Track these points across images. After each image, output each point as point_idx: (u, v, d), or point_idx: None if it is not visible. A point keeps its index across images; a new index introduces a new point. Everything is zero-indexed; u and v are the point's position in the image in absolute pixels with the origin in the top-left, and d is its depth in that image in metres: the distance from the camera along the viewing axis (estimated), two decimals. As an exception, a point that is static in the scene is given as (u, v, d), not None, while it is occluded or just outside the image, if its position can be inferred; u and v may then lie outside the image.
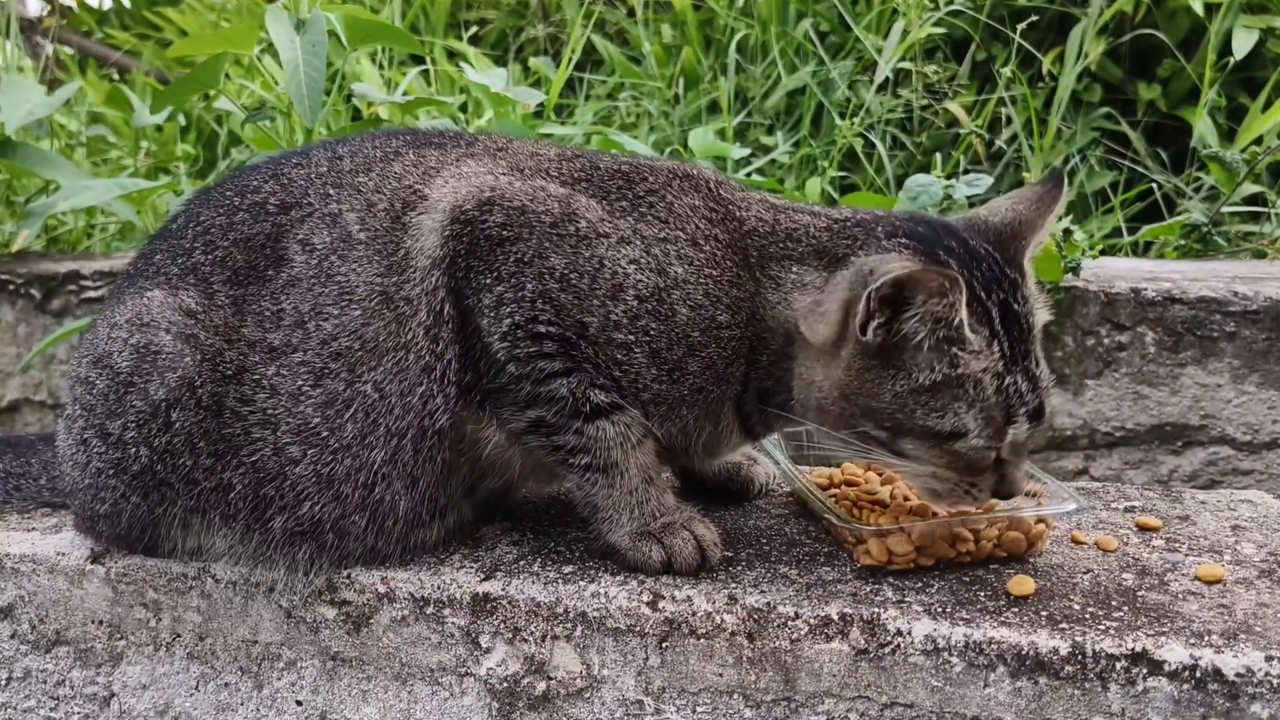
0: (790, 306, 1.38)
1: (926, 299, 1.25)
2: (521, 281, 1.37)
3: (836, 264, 1.38)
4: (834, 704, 1.30)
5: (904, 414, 1.31)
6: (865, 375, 1.31)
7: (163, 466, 1.42)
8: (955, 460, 1.33)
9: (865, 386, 1.31)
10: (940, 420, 1.30)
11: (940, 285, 1.23)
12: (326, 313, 1.41)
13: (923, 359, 1.29)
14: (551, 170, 1.46)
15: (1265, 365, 2.37)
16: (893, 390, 1.30)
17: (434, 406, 1.39)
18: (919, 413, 1.30)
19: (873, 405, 1.32)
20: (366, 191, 1.46)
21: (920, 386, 1.30)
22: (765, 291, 1.40)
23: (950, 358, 1.29)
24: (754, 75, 3.94)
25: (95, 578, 1.52)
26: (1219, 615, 1.28)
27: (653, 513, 1.42)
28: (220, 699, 1.51)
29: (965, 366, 1.29)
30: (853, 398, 1.33)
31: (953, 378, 1.29)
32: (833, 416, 1.36)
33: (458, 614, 1.40)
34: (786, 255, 1.41)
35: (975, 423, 1.31)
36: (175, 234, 1.54)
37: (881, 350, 1.30)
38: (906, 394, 1.30)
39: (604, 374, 1.38)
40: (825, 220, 1.44)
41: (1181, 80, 3.73)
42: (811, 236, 1.41)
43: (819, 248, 1.40)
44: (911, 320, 1.27)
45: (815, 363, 1.35)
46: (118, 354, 1.44)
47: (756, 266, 1.41)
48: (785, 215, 1.45)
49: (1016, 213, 1.44)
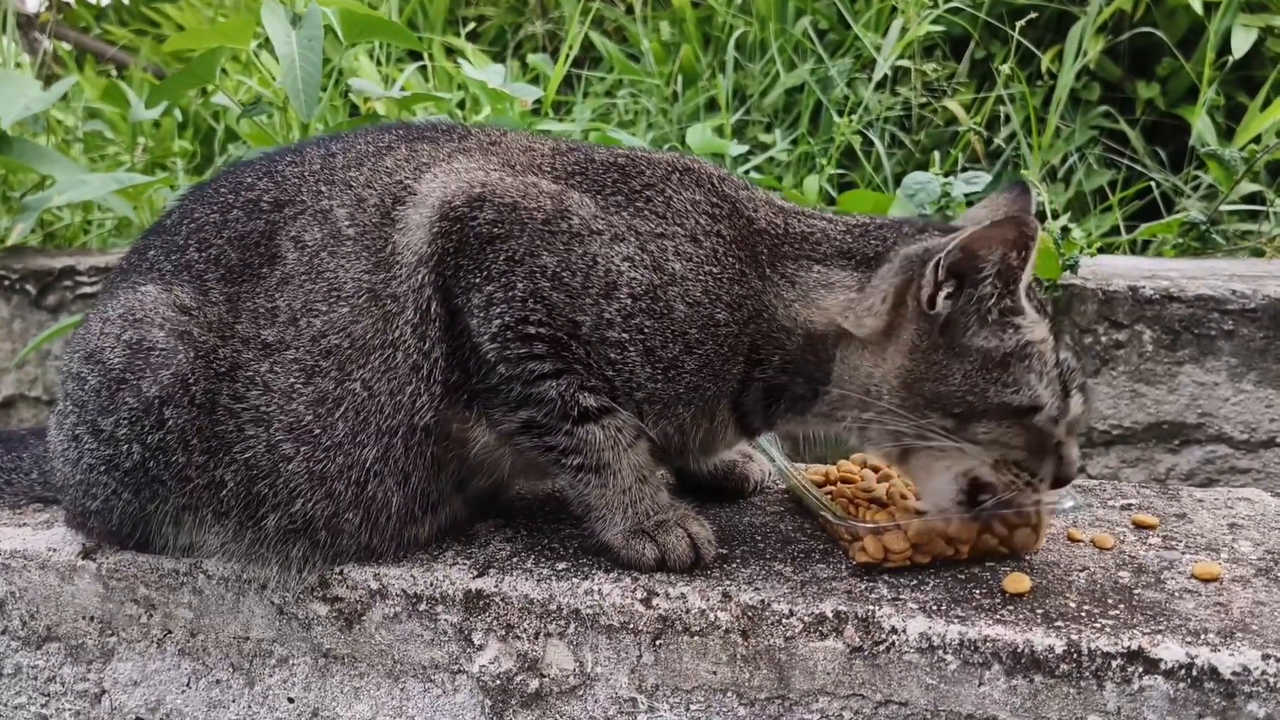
0: (814, 304, 1.38)
1: (1004, 253, 1.27)
2: (512, 280, 1.36)
3: (870, 263, 1.39)
4: (828, 702, 1.29)
5: (976, 394, 1.30)
6: (932, 356, 1.31)
7: (155, 463, 1.41)
8: (1030, 439, 1.32)
9: (932, 370, 1.31)
10: (1016, 394, 1.30)
11: (1019, 234, 1.25)
12: (316, 310, 1.40)
13: (988, 332, 1.30)
14: (545, 165, 1.45)
15: (1263, 364, 2.36)
16: (962, 370, 1.30)
17: (420, 405, 1.38)
18: (992, 390, 1.30)
19: (941, 390, 1.31)
20: (358, 187, 1.44)
21: (991, 361, 1.30)
22: (778, 290, 1.40)
23: (1014, 327, 1.31)
24: (752, 73, 3.93)
25: (86, 574, 1.51)
26: (1216, 613, 1.27)
27: (646, 511, 1.41)
28: (212, 696, 1.50)
29: (1030, 333, 1.31)
30: (916, 384, 1.32)
31: (1020, 347, 1.31)
32: (890, 411, 1.33)
33: (450, 611, 1.39)
34: (805, 256, 1.41)
35: (1048, 392, 1.31)
36: (169, 230, 1.53)
37: (946, 328, 1.31)
38: (977, 371, 1.30)
39: (596, 375, 1.37)
40: (843, 225, 1.45)
41: (1180, 79, 3.73)
42: (832, 239, 1.42)
43: (844, 249, 1.41)
44: (986, 283, 1.29)
45: (863, 358, 1.35)
46: (110, 350, 1.43)
47: (766, 264, 1.41)
48: (796, 219, 1.45)
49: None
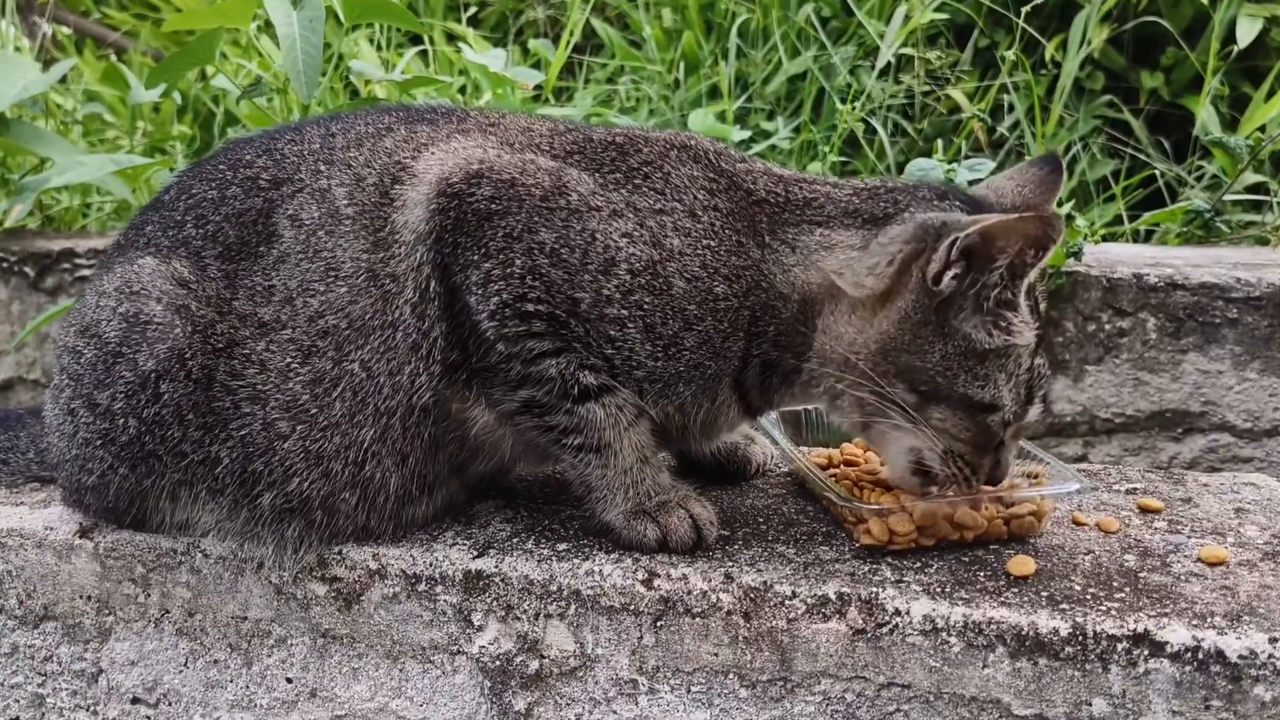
0: (813, 265, 1.37)
1: (1023, 247, 1.26)
2: (510, 258, 1.34)
3: (878, 223, 1.38)
4: (830, 684, 1.28)
5: (946, 378, 1.31)
6: (920, 330, 1.31)
7: (151, 438, 1.40)
8: (975, 435, 1.33)
9: (915, 343, 1.31)
10: (981, 390, 1.31)
11: (1045, 234, 1.25)
12: (313, 289, 1.39)
13: (979, 321, 1.30)
14: (543, 144, 1.44)
15: (1267, 352, 2.35)
16: (943, 351, 1.31)
17: (419, 384, 1.37)
18: (962, 379, 1.31)
19: (915, 364, 1.31)
20: (357, 166, 1.43)
21: (970, 351, 1.30)
22: (778, 256, 1.39)
23: (1004, 323, 1.31)
24: (755, 60, 3.91)
25: (84, 552, 1.50)
26: (1222, 597, 1.26)
27: (648, 492, 1.40)
28: (209, 675, 1.49)
29: (1017, 335, 1.31)
30: (894, 354, 1.32)
31: (1004, 347, 1.31)
32: (859, 373, 1.34)
33: (450, 591, 1.38)
34: (806, 220, 1.40)
35: (1010, 397, 1.32)
36: (167, 206, 1.51)
37: (941, 307, 1.30)
38: (955, 357, 1.30)
39: (595, 353, 1.35)
40: (851, 189, 1.44)
41: (1184, 68, 3.71)
42: (837, 202, 1.41)
43: (850, 209, 1.40)
44: (994, 272, 1.28)
45: (847, 319, 1.35)
46: (106, 323, 1.42)
47: (766, 233, 1.40)
48: (799, 186, 1.44)
49: (1024, 197, 1.44)
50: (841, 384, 1.37)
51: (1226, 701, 1.18)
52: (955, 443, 1.34)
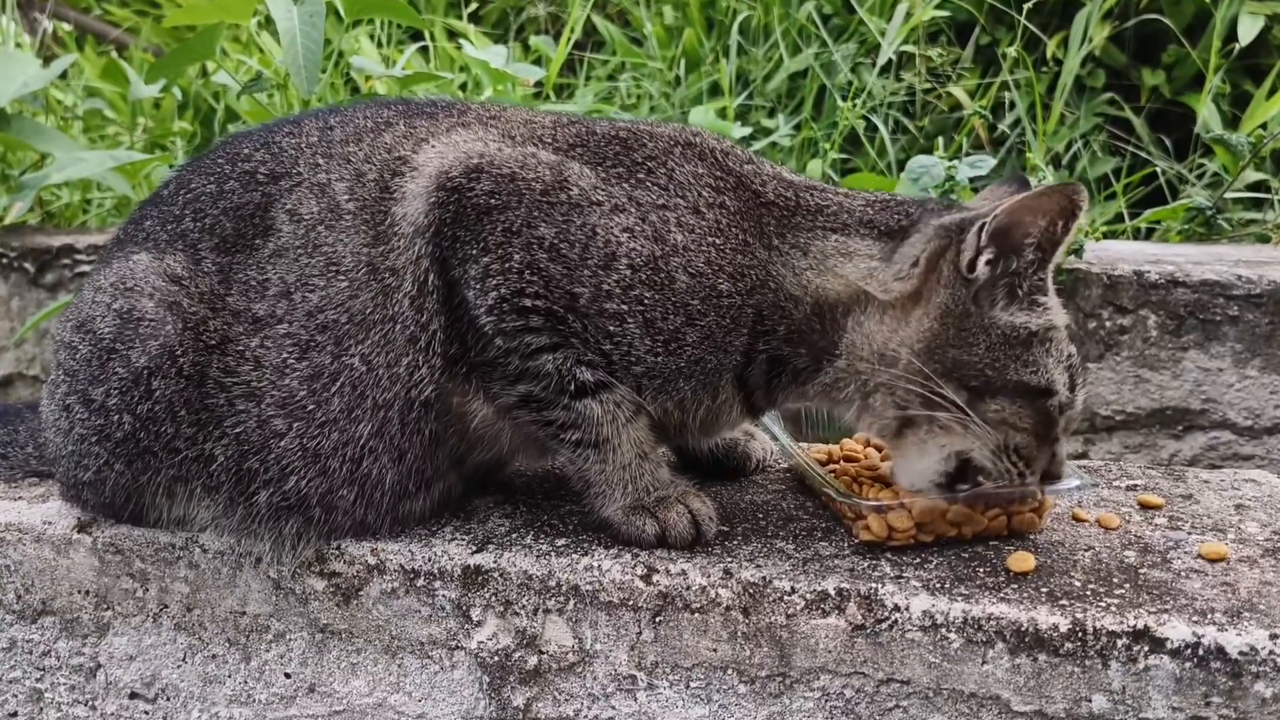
0: (832, 273, 1.38)
1: (1051, 221, 1.29)
2: (509, 252, 1.34)
3: (894, 235, 1.39)
4: (829, 680, 1.28)
5: (997, 368, 1.31)
6: (962, 323, 1.32)
7: (145, 434, 1.40)
8: (1036, 423, 1.32)
9: (959, 336, 1.31)
10: (1035, 374, 1.31)
11: (1071, 202, 1.27)
12: (313, 284, 1.39)
13: (1016, 307, 1.32)
14: (545, 137, 1.43)
15: (1268, 349, 2.35)
16: (988, 341, 1.31)
17: (419, 378, 1.37)
18: (1013, 367, 1.31)
19: (963, 359, 1.31)
20: (356, 161, 1.43)
21: (1015, 337, 1.31)
22: (788, 259, 1.39)
23: (1040, 306, 1.33)
24: (756, 57, 3.91)
25: (82, 547, 1.50)
26: (1222, 593, 1.26)
27: (647, 487, 1.39)
28: (207, 670, 1.49)
29: (1054, 316, 1.34)
30: (940, 350, 1.32)
31: (1044, 329, 1.33)
32: (904, 378, 1.33)
33: (448, 586, 1.38)
34: (820, 227, 1.41)
35: (1062, 378, 1.33)
36: (166, 200, 1.51)
37: (977, 297, 1.31)
38: (1000, 345, 1.31)
39: (593, 349, 1.35)
40: (862, 199, 1.45)
41: (1186, 66, 3.70)
42: (852, 211, 1.42)
43: (866, 219, 1.41)
44: (1027, 250, 1.30)
45: (882, 323, 1.35)
46: (100, 319, 1.42)
47: (774, 235, 1.40)
48: (809, 193, 1.44)
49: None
50: (879, 379, 1.35)
51: (1227, 698, 1.17)
52: (1016, 434, 1.32)
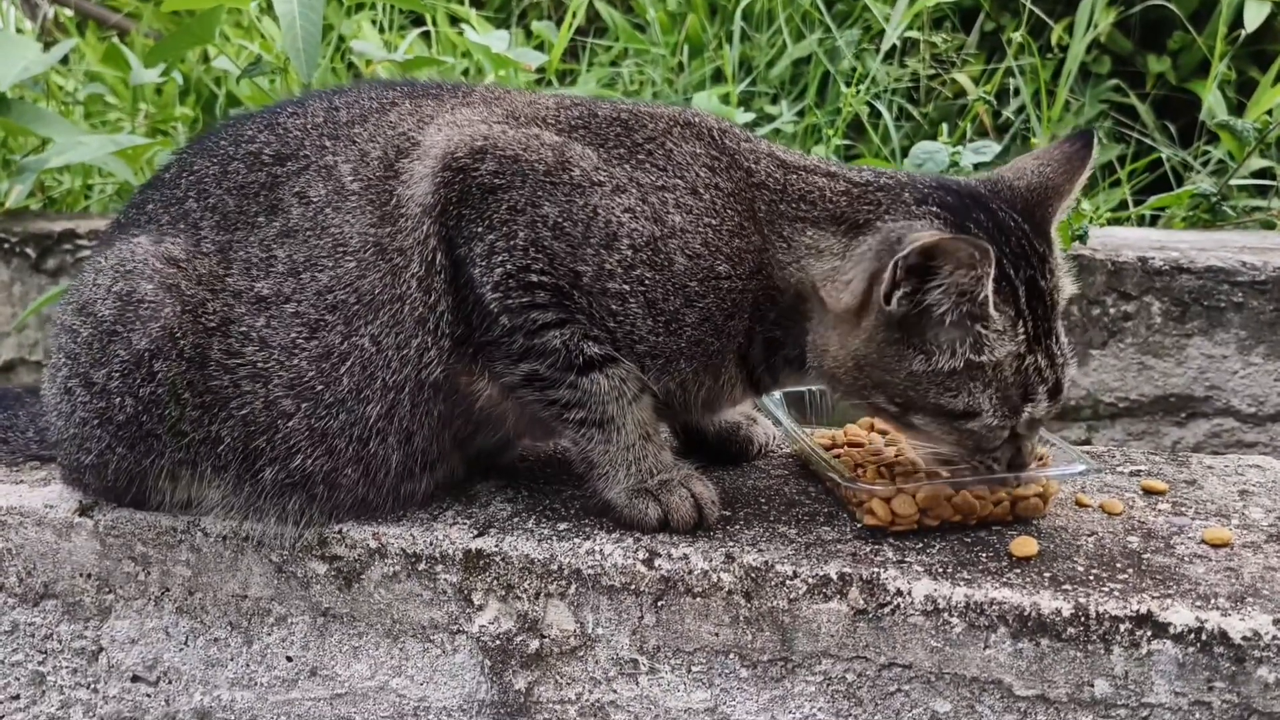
0: (804, 270, 1.36)
1: (953, 270, 1.21)
2: (514, 230, 1.34)
3: (858, 230, 1.34)
4: (831, 664, 1.28)
5: (916, 391, 1.30)
6: (885, 349, 1.29)
7: (148, 417, 1.40)
8: (964, 438, 1.32)
9: (883, 360, 1.29)
10: (954, 400, 1.29)
11: (970, 256, 1.19)
12: (322, 265, 1.38)
13: (944, 336, 1.27)
14: (548, 118, 1.43)
15: (1272, 336, 2.34)
16: (908, 368, 1.28)
17: (429, 359, 1.37)
18: (932, 391, 1.29)
19: (887, 379, 1.30)
20: (361, 142, 1.43)
21: (939, 369, 1.28)
22: (774, 249, 1.37)
23: (974, 337, 1.26)
24: (759, 44, 3.89)
25: (84, 530, 1.49)
26: (1226, 578, 1.26)
27: (650, 470, 1.39)
28: (209, 654, 1.49)
29: (988, 350, 1.27)
30: (867, 369, 1.31)
31: (974, 362, 1.27)
32: (844, 385, 1.35)
33: (450, 570, 1.37)
34: (800, 217, 1.37)
35: (990, 403, 1.29)
36: (169, 183, 1.51)
37: (904, 324, 1.27)
38: (922, 374, 1.28)
39: (598, 325, 1.35)
40: (844, 184, 1.39)
41: (1191, 53, 3.69)
42: (828, 200, 1.37)
43: (836, 213, 1.36)
44: (935, 291, 1.23)
45: (831, 330, 1.33)
46: (101, 301, 1.42)
47: (765, 222, 1.38)
48: (797, 175, 1.41)
49: (1044, 176, 1.39)
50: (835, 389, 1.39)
51: (1230, 683, 1.17)
52: (941, 445, 1.35)
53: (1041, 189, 1.38)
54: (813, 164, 1.44)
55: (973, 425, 1.31)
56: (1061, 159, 1.40)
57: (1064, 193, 1.38)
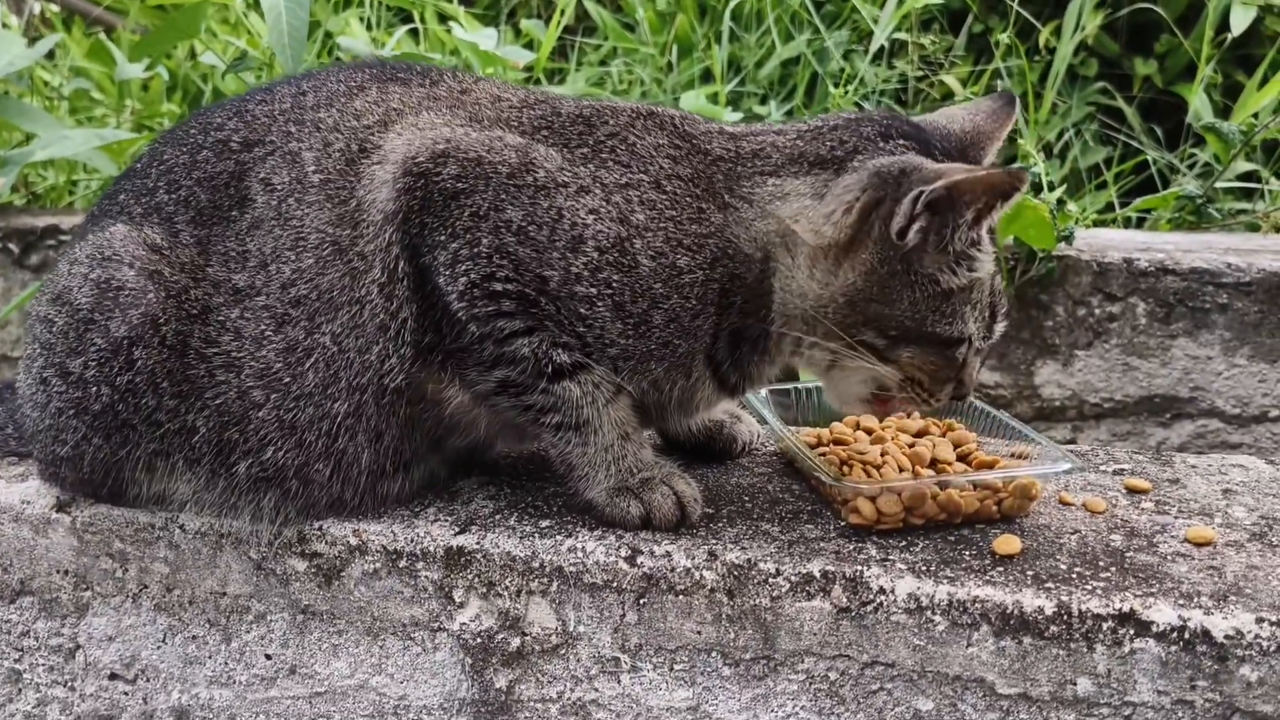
0: (771, 215, 1.36)
1: (990, 200, 1.25)
2: (477, 237, 1.32)
3: (825, 164, 1.36)
4: (814, 663, 1.27)
5: (914, 321, 1.31)
6: (888, 280, 1.30)
7: (125, 406, 1.38)
8: (941, 368, 1.35)
9: (883, 293, 1.31)
10: (949, 327, 1.32)
11: (1011, 185, 1.24)
12: (285, 256, 1.37)
13: (946, 265, 1.30)
14: (511, 119, 1.41)
15: (1257, 338, 2.35)
16: (911, 298, 1.30)
17: (389, 367, 1.35)
18: (930, 319, 1.31)
19: (884, 312, 1.31)
20: (325, 130, 1.41)
21: (938, 293, 1.30)
22: (738, 214, 1.37)
23: (970, 262, 1.31)
24: (748, 44, 3.89)
25: (61, 527, 1.48)
26: (1209, 577, 1.25)
27: (630, 468, 1.38)
28: (188, 651, 1.47)
29: (981, 269, 1.32)
30: (862, 304, 1.31)
31: (969, 283, 1.32)
32: (828, 324, 1.34)
33: (431, 568, 1.36)
34: (757, 171, 1.38)
35: (976, 326, 1.34)
36: (140, 173, 1.49)
37: (907, 256, 1.29)
38: (924, 300, 1.31)
39: (568, 331, 1.33)
40: (794, 132, 1.42)
41: (1178, 56, 3.70)
42: (782, 149, 1.39)
43: (795, 155, 1.38)
44: (963, 224, 1.27)
45: (810, 270, 1.33)
46: (78, 290, 1.40)
47: (724, 192, 1.38)
48: (747, 139, 1.42)
49: (975, 124, 1.46)
50: (807, 339, 1.36)
51: (1212, 681, 1.17)
52: (920, 374, 1.36)
53: (975, 133, 1.45)
54: (757, 128, 1.46)
55: (959, 351, 1.34)
56: (990, 111, 1.48)
57: (994, 139, 1.45)
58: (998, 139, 1.45)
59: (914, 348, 1.33)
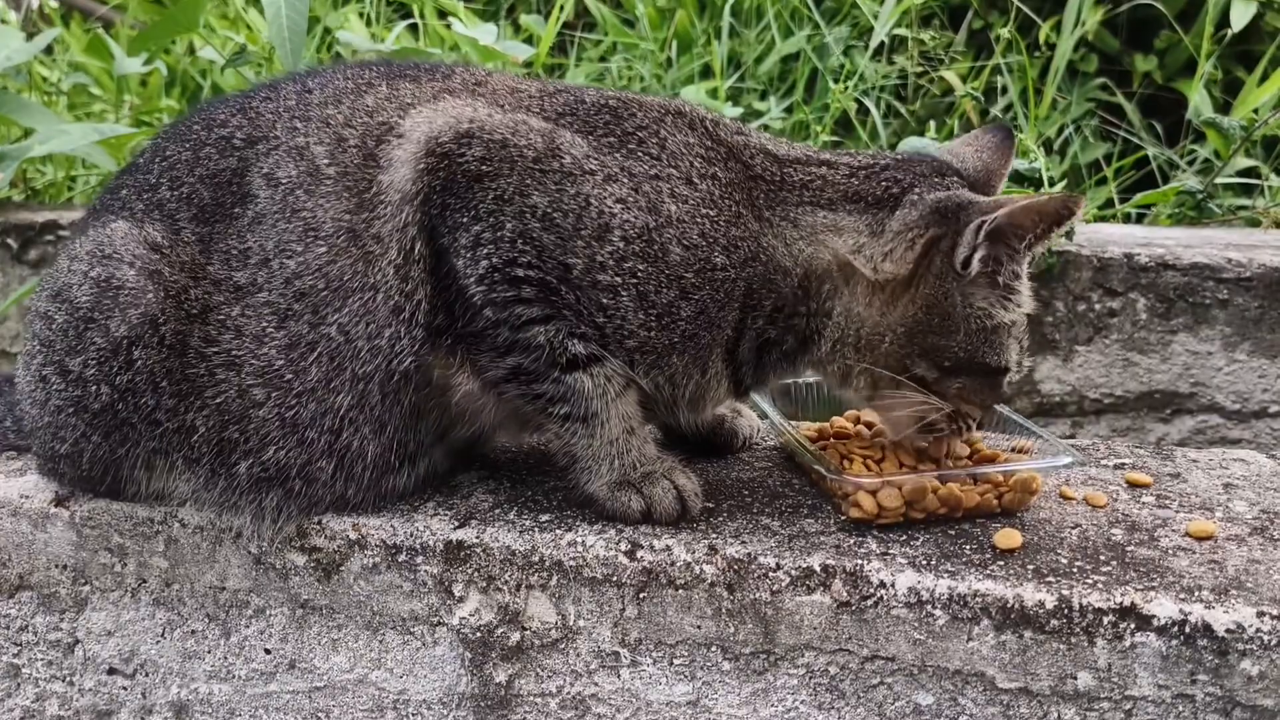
0: (823, 244, 1.38)
1: (1047, 227, 1.29)
2: (501, 220, 1.31)
3: (880, 204, 1.38)
4: (814, 657, 1.27)
5: (967, 351, 1.35)
6: (947, 313, 1.34)
7: (124, 405, 1.38)
8: (988, 396, 1.40)
9: (943, 325, 1.34)
10: (998, 357, 1.37)
11: (1068, 210, 1.27)
12: (290, 250, 1.36)
13: (997, 297, 1.34)
14: (534, 105, 1.41)
15: (1257, 333, 2.34)
16: (966, 329, 1.34)
17: (401, 349, 1.34)
18: (982, 350, 1.35)
19: (942, 344, 1.35)
20: (336, 125, 1.40)
21: (990, 325, 1.35)
22: (779, 230, 1.38)
23: (1016, 294, 1.36)
24: (748, 40, 3.88)
25: (59, 521, 1.48)
26: (1210, 571, 1.25)
27: (633, 463, 1.38)
28: (186, 646, 1.47)
29: (1027, 305, 1.38)
30: (920, 336, 1.35)
31: (1020, 316, 1.38)
32: (882, 355, 1.37)
33: (430, 562, 1.36)
34: (807, 201, 1.40)
35: (1017, 356, 1.40)
36: (142, 169, 1.49)
37: (965, 289, 1.34)
38: (977, 332, 1.35)
39: (585, 321, 1.33)
40: (846, 168, 1.43)
41: (1178, 52, 3.70)
42: (835, 185, 1.41)
43: (851, 193, 1.40)
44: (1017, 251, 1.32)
45: (869, 301, 1.37)
46: (78, 287, 1.39)
47: (764, 207, 1.39)
48: (794, 168, 1.43)
49: (984, 161, 1.50)
50: (861, 367, 1.39)
51: (1213, 675, 1.17)
52: (966, 404, 1.39)
53: (985, 171, 1.49)
54: (802, 154, 1.46)
55: (1001, 381, 1.39)
56: (993, 147, 1.51)
57: (1001, 175, 1.50)
58: (1003, 174, 1.50)
59: (964, 378, 1.37)
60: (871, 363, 1.38)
